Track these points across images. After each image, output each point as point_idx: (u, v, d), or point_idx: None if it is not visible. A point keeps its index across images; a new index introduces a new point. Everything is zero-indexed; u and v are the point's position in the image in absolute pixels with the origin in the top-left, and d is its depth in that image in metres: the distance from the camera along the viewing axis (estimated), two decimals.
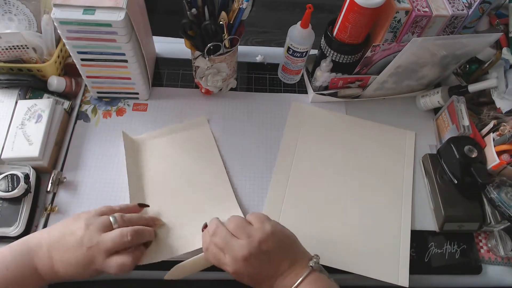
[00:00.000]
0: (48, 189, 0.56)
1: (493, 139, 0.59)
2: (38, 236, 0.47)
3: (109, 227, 0.47)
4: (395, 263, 0.56)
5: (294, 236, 0.48)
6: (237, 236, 0.46)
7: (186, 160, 0.62)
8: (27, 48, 0.59)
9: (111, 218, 0.48)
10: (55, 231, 0.47)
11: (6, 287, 0.43)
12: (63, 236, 0.46)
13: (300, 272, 0.44)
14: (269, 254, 0.45)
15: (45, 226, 0.54)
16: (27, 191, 0.53)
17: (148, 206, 0.55)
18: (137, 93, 0.66)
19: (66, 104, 0.64)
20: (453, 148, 0.60)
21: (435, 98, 0.68)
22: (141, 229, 0.49)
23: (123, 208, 0.52)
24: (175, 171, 0.60)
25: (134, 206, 0.54)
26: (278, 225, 0.48)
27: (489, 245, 0.59)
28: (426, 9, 0.57)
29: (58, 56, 0.63)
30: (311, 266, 0.44)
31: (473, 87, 0.64)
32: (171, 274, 0.50)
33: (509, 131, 0.58)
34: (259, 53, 0.77)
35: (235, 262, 0.44)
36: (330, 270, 0.54)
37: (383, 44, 0.59)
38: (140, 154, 0.62)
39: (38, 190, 0.56)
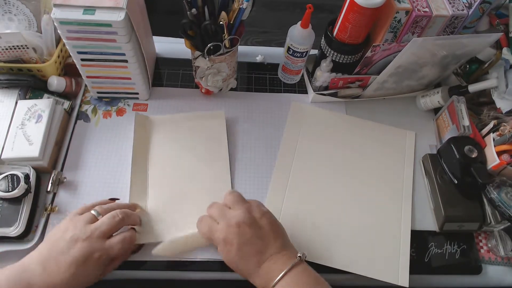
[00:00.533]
0: (48, 189, 0.56)
1: (493, 139, 0.59)
2: (28, 258, 0.45)
3: (94, 220, 0.48)
4: (395, 263, 0.56)
5: (285, 230, 0.50)
6: (233, 209, 0.48)
7: (194, 149, 0.62)
8: (27, 48, 0.59)
9: (93, 212, 0.49)
10: (43, 247, 0.46)
11: None
12: (53, 245, 0.45)
13: (288, 260, 0.45)
14: (262, 230, 0.46)
15: (45, 226, 0.54)
16: (27, 191, 0.53)
17: (118, 199, 0.57)
18: (137, 93, 0.66)
19: (66, 104, 0.64)
20: (453, 148, 0.60)
21: (435, 98, 0.68)
22: (128, 211, 0.51)
23: (96, 204, 0.53)
24: (180, 157, 0.61)
25: (107, 201, 0.55)
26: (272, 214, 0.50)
27: (489, 245, 0.59)
28: (426, 9, 0.57)
29: (58, 56, 0.63)
30: (299, 256, 0.45)
31: (473, 87, 0.64)
32: (160, 249, 0.51)
33: (509, 131, 0.58)
34: (259, 53, 0.77)
35: (227, 227, 0.46)
36: (330, 270, 0.54)
37: (383, 44, 0.59)
38: (149, 135, 0.63)
39: (38, 190, 0.56)
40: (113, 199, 0.56)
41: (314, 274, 0.45)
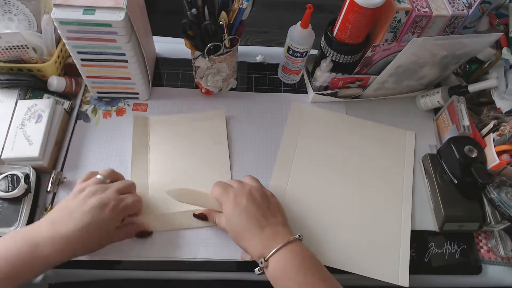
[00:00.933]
0: (48, 189, 0.56)
1: (493, 139, 0.59)
2: (37, 222, 0.46)
3: (103, 183, 0.51)
4: (395, 263, 0.56)
5: None
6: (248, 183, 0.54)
7: (194, 149, 0.63)
8: (27, 48, 0.59)
9: (99, 176, 0.51)
10: (54, 210, 0.47)
11: (9, 272, 0.42)
12: (66, 206, 0.47)
13: (289, 234, 0.48)
14: (270, 204, 0.51)
15: None
16: (27, 191, 0.53)
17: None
18: (137, 93, 0.66)
19: (66, 104, 0.64)
20: (453, 148, 0.60)
21: (435, 98, 0.68)
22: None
23: (94, 172, 0.53)
24: (181, 157, 0.62)
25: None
26: None
27: (489, 245, 0.59)
28: (426, 9, 0.57)
29: (58, 56, 0.63)
30: (299, 236, 0.48)
31: (473, 87, 0.64)
32: (173, 192, 0.54)
33: (509, 131, 0.58)
34: (259, 53, 0.77)
35: (240, 189, 0.51)
36: (331, 270, 0.54)
37: (383, 44, 0.59)
38: (149, 134, 0.63)
39: (38, 190, 0.56)
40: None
41: (311, 252, 0.48)
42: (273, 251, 0.46)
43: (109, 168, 0.53)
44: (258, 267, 0.47)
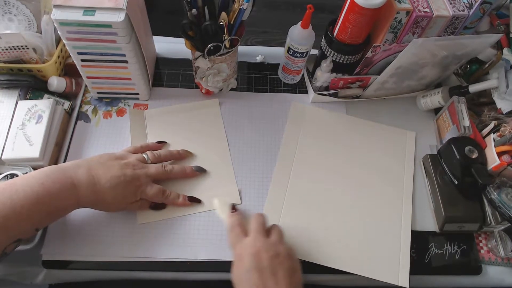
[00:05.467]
0: None
1: (494, 140, 0.59)
2: (71, 163, 0.49)
3: (145, 162, 0.55)
4: (395, 264, 0.56)
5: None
6: (267, 236, 0.48)
7: (192, 138, 0.64)
8: (27, 48, 0.59)
9: (144, 155, 0.55)
10: (92, 161, 0.50)
11: (43, 201, 0.44)
12: (106, 162, 0.50)
13: None
14: (280, 263, 0.44)
15: (45, 227, 0.54)
16: None
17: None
18: (137, 94, 0.66)
19: (67, 104, 0.64)
20: (454, 148, 0.60)
21: (435, 99, 0.68)
22: (176, 166, 0.57)
23: (144, 146, 0.58)
24: (180, 143, 0.63)
25: (154, 144, 0.60)
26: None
27: (489, 246, 0.59)
28: (427, 10, 0.57)
29: (58, 57, 0.63)
30: None
31: (473, 88, 0.64)
32: (215, 203, 0.55)
33: (510, 132, 0.58)
34: (259, 53, 0.77)
35: (248, 247, 0.45)
36: (331, 270, 0.55)
37: (383, 45, 0.59)
38: (146, 127, 0.64)
39: None
40: (161, 142, 0.62)
41: None
42: None
43: (157, 146, 0.60)
44: None
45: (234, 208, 0.54)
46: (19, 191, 0.43)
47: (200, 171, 0.59)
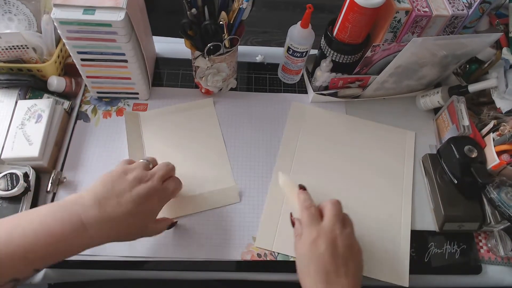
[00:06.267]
0: (48, 189, 0.56)
1: (493, 139, 0.59)
2: (77, 195, 0.43)
3: (148, 167, 0.50)
4: (395, 263, 0.56)
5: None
6: (341, 226, 0.47)
7: (188, 137, 0.64)
8: (27, 48, 0.59)
9: (142, 160, 0.51)
10: (98, 189, 0.44)
11: (44, 242, 0.39)
12: (113, 186, 0.44)
13: None
14: (352, 254, 0.45)
15: None
16: (26, 190, 0.53)
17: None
18: (137, 93, 0.66)
19: (66, 104, 0.64)
20: (453, 148, 0.60)
21: (435, 98, 0.68)
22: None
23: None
24: (176, 148, 0.63)
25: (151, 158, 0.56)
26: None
27: (489, 245, 0.59)
28: (426, 9, 0.57)
29: (58, 56, 0.63)
30: None
31: (473, 87, 0.64)
32: (283, 178, 0.55)
33: (509, 131, 0.58)
34: (259, 53, 0.77)
35: (326, 233, 0.45)
36: None
37: (383, 44, 0.59)
38: (142, 131, 0.64)
39: (38, 190, 0.56)
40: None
41: None
42: None
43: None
44: None
45: (303, 186, 0.53)
46: (20, 227, 0.39)
47: None
